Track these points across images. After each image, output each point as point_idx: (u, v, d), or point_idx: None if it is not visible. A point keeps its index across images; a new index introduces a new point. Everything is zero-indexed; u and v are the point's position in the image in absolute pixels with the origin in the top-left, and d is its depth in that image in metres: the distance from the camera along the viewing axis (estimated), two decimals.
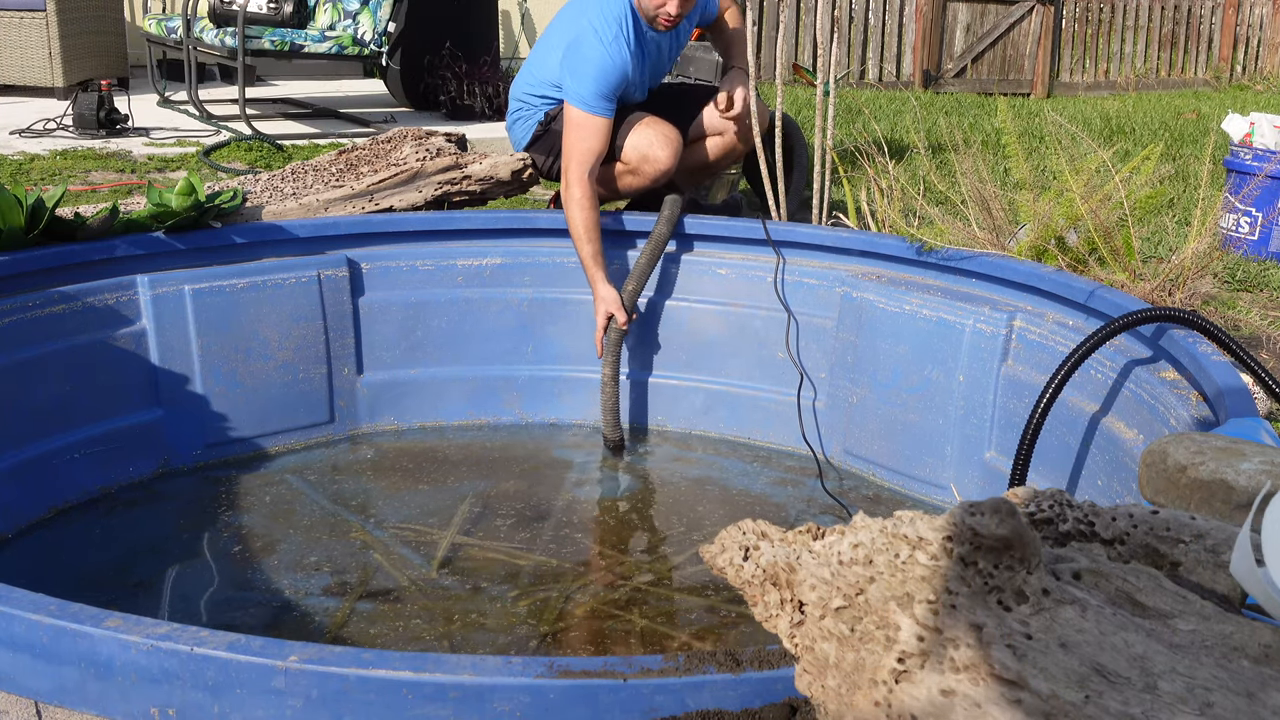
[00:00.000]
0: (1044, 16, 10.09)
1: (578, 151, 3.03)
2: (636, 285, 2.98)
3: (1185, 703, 0.77)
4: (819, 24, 9.19)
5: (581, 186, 2.98)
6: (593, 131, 3.05)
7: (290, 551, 2.42)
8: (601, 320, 2.96)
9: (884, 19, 9.65)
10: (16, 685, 1.22)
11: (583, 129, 3.05)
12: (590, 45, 3.09)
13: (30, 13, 6.30)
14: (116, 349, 2.61)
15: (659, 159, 3.18)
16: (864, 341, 2.86)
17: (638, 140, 3.20)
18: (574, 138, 3.06)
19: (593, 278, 2.96)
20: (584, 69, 3.08)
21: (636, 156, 3.20)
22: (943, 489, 2.73)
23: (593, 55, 3.08)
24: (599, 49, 3.07)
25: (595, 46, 3.08)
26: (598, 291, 2.96)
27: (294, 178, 3.19)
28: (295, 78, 7.96)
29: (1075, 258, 2.80)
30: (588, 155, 3.03)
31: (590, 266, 2.96)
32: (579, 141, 3.04)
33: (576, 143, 3.05)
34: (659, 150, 3.18)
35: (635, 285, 2.98)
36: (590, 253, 2.96)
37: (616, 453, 2.96)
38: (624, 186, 3.30)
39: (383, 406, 3.04)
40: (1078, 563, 0.93)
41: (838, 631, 0.88)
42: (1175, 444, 1.27)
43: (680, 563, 2.44)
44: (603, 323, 2.96)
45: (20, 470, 2.43)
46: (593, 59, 3.07)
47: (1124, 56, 10.77)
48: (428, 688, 1.11)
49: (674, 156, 3.20)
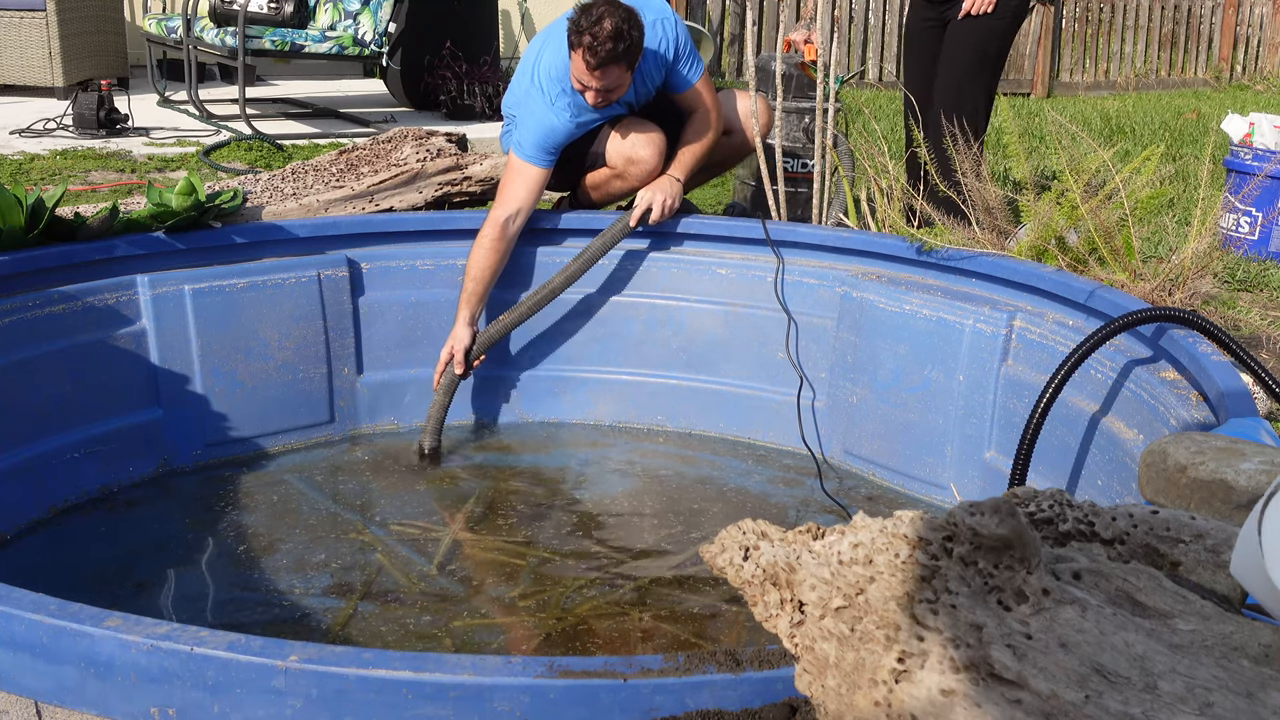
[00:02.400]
0: (1044, 16, 10.09)
1: (505, 197, 3.01)
2: (498, 331, 3.00)
3: (1185, 702, 0.77)
4: (819, 24, 9.19)
5: (494, 229, 2.96)
6: (526, 180, 3.01)
7: (291, 551, 2.42)
8: (444, 356, 2.95)
9: (884, 19, 9.66)
10: (16, 685, 1.22)
11: (518, 176, 3.02)
12: (536, 102, 3.05)
13: (30, 13, 6.30)
14: (116, 349, 2.61)
15: (644, 159, 3.15)
16: (864, 341, 2.86)
17: (620, 145, 3.15)
18: (507, 181, 3.04)
19: (459, 314, 2.95)
20: (528, 122, 3.05)
21: (622, 160, 3.17)
22: (943, 489, 2.73)
23: (536, 112, 3.04)
24: (542, 109, 3.04)
25: (539, 105, 3.04)
26: (456, 329, 2.95)
27: (294, 178, 3.19)
28: (295, 78, 7.96)
29: (1075, 258, 2.80)
30: (513, 203, 2.99)
31: (462, 303, 2.95)
32: (509, 187, 3.02)
33: (507, 187, 3.03)
34: (642, 150, 3.14)
35: (497, 331, 2.99)
36: (469, 291, 2.95)
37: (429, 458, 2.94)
38: (614, 191, 3.27)
39: (383, 406, 3.04)
40: (1078, 563, 0.93)
41: (838, 631, 0.88)
42: (1175, 444, 1.27)
43: (680, 562, 2.44)
44: (444, 358, 2.95)
45: (21, 470, 2.43)
46: (536, 115, 3.04)
47: (1124, 56, 10.77)
48: (428, 687, 1.11)
49: (658, 155, 3.16)
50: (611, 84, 2.93)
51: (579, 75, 2.92)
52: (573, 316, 3.13)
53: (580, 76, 2.92)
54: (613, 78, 2.91)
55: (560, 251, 3.11)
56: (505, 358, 3.12)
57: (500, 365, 3.11)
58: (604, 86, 2.93)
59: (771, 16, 9.01)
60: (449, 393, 2.96)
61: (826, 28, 7.67)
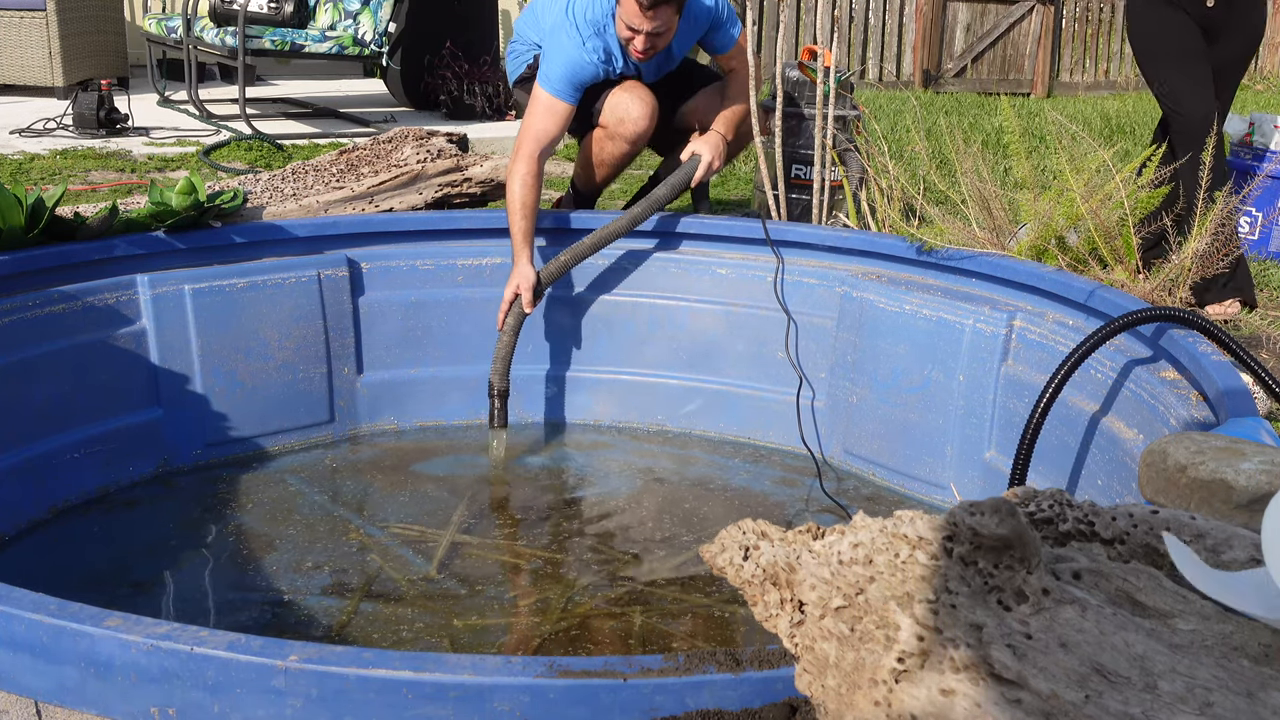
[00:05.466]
0: (1044, 16, 10.09)
1: (534, 129, 3.04)
2: (558, 268, 2.98)
3: (1185, 702, 0.77)
4: (819, 24, 9.20)
5: (528, 164, 2.98)
6: (553, 114, 3.05)
7: (290, 552, 2.42)
8: (509, 294, 2.94)
9: (884, 19, 9.65)
10: (16, 685, 1.22)
11: (544, 109, 3.05)
12: (568, 38, 3.08)
13: (30, 12, 6.30)
14: (116, 349, 2.61)
15: (634, 118, 3.16)
16: (864, 341, 2.86)
17: (613, 103, 3.19)
18: (534, 115, 3.06)
19: (517, 254, 2.95)
20: (557, 56, 3.08)
21: (613, 119, 3.19)
22: (943, 489, 2.73)
23: (567, 48, 3.08)
24: (574, 47, 3.07)
25: (571, 43, 3.08)
26: (517, 267, 2.94)
27: (294, 178, 3.19)
28: (295, 77, 7.96)
29: (1075, 258, 2.80)
30: (543, 135, 3.03)
31: (518, 242, 2.95)
32: (537, 120, 3.05)
33: (534, 121, 3.05)
34: (634, 109, 3.16)
35: (557, 268, 2.98)
36: (522, 229, 2.95)
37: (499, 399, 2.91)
38: (606, 156, 3.28)
39: (383, 406, 3.04)
40: (1078, 562, 0.93)
41: (838, 631, 0.88)
42: (1175, 444, 1.27)
43: (680, 562, 2.44)
44: (509, 297, 2.94)
45: (20, 470, 2.43)
46: (566, 51, 3.07)
47: (1124, 56, 10.77)
48: (428, 687, 1.11)
49: (649, 117, 3.17)
50: (661, 27, 2.96)
51: (628, 17, 2.95)
52: (573, 316, 3.13)
53: (630, 18, 2.94)
54: (663, 19, 2.95)
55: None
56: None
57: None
58: (654, 29, 2.95)
59: (771, 16, 9.01)
60: (515, 332, 2.94)
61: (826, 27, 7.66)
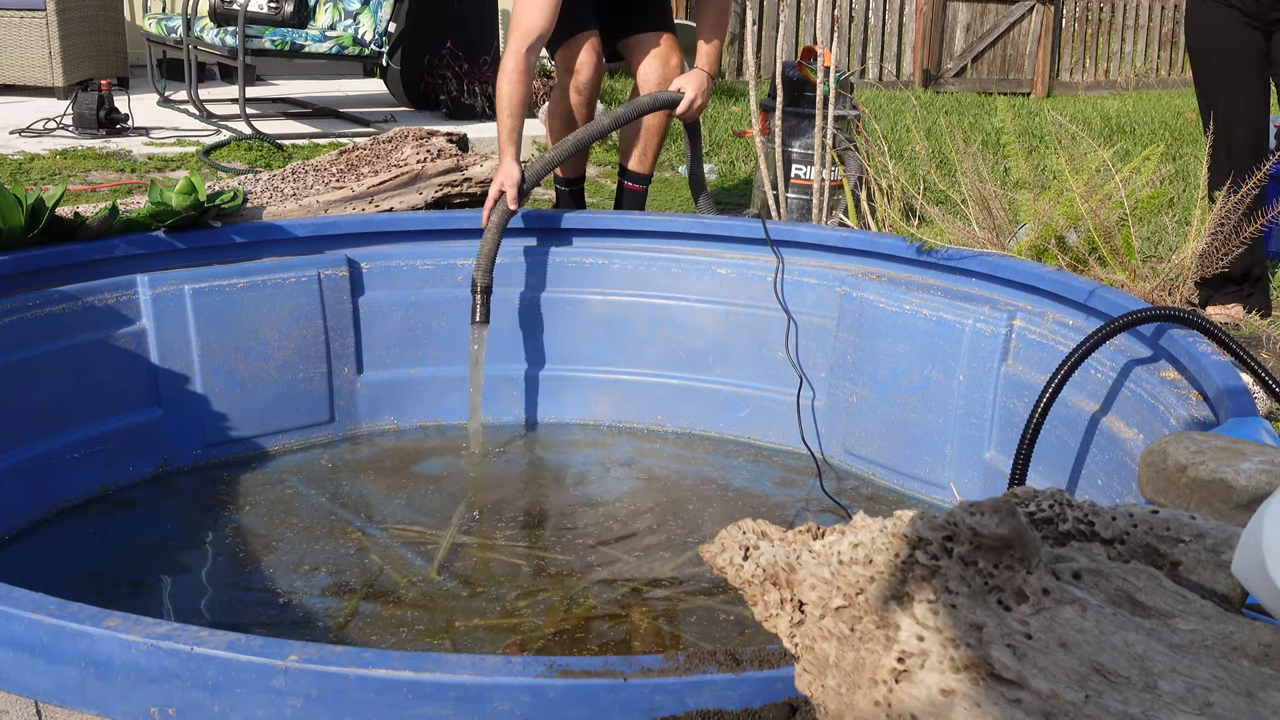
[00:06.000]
0: (1044, 16, 10.09)
1: (522, 24, 3.08)
2: (544, 166, 3.03)
3: (1185, 702, 0.77)
4: (819, 24, 9.19)
5: (516, 59, 3.03)
6: (539, 8, 3.09)
7: (290, 552, 2.42)
8: (494, 192, 2.96)
9: (884, 18, 9.65)
10: (16, 685, 1.22)
11: (531, 3, 3.09)
12: None
13: (30, 12, 6.30)
14: (116, 349, 2.61)
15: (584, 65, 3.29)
16: (864, 341, 2.86)
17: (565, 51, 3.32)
18: (522, 12, 3.11)
19: (503, 151, 2.99)
20: None
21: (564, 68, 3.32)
22: (943, 489, 2.73)
23: None
24: None
25: None
26: (502, 166, 2.97)
27: (294, 178, 3.19)
28: (295, 77, 7.96)
29: (1075, 257, 2.80)
30: (529, 31, 3.07)
31: (504, 141, 2.99)
32: (524, 14, 3.09)
33: (522, 17, 3.10)
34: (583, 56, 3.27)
35: (542, 166, 3.02)
36: (509, 127, 3.00)
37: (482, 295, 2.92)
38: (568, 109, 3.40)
39: (383, 406, 3.04)
40: (1078, 562, 0.93)
41: (838, 631, 0.88)
42: (1175, 444, 1.27)
43: (680, 563, 2.44)
44: (494, 194, 2.96)
45: (20, 470, 2.43)
46: None
47: (1124, 56, 10.77)
48: (428, 687, 1.11)
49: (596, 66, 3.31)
50: None
51: None
52: (572, 316, 3.13)
53: None
54: None
55: (566, 252, 3.11)
56: (505, 357, 3.12)
57: (500, 365, 3.11)
58: None
59: (771, 16, 9.01)
60: (500, 229, 2.95)
61: (826, 27, 7.66)
